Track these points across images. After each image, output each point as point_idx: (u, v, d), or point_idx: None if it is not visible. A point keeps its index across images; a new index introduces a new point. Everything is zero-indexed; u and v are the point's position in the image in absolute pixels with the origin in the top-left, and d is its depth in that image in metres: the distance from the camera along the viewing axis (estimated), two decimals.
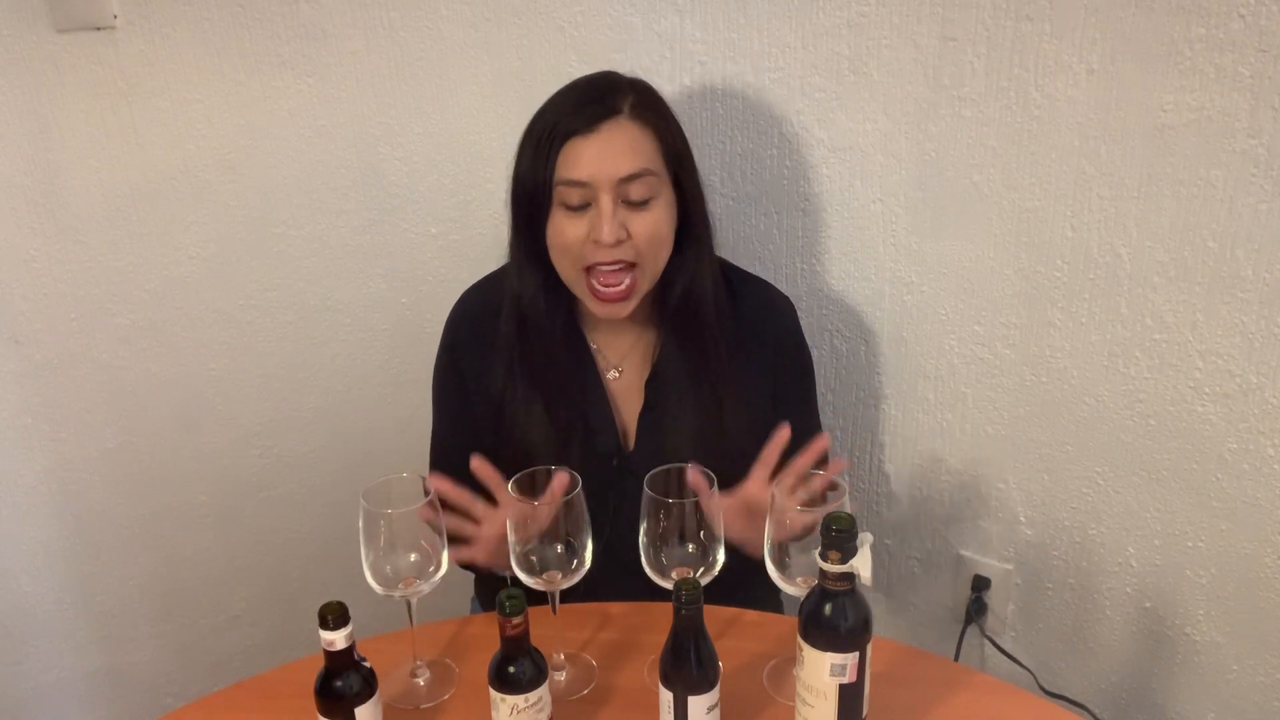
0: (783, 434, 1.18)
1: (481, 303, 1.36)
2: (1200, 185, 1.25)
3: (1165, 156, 1.26)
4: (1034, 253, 1.40)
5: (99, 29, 1.58)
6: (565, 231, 1.21)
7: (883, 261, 1.52)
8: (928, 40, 1.37)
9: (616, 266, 1.21)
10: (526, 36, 1.60)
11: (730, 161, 1.56)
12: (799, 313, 1.40)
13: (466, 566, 1.28)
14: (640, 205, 1.21)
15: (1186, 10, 1.20)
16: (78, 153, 1.64)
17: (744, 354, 1.33)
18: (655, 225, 1.22)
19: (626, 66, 1.52)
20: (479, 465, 1.17)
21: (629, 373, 1.35)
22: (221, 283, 1.75)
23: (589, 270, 1.23)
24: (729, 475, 1.20)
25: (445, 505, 1.13)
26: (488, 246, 1.41)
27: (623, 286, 1.22)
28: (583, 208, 1.20)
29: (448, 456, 1.40)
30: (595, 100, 1.21)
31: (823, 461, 1.14)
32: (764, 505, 1.07)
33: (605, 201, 1.19)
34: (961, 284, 1.47)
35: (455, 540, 1.16)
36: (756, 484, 1.18)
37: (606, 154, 1.18)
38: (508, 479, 1.21)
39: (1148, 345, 1.35)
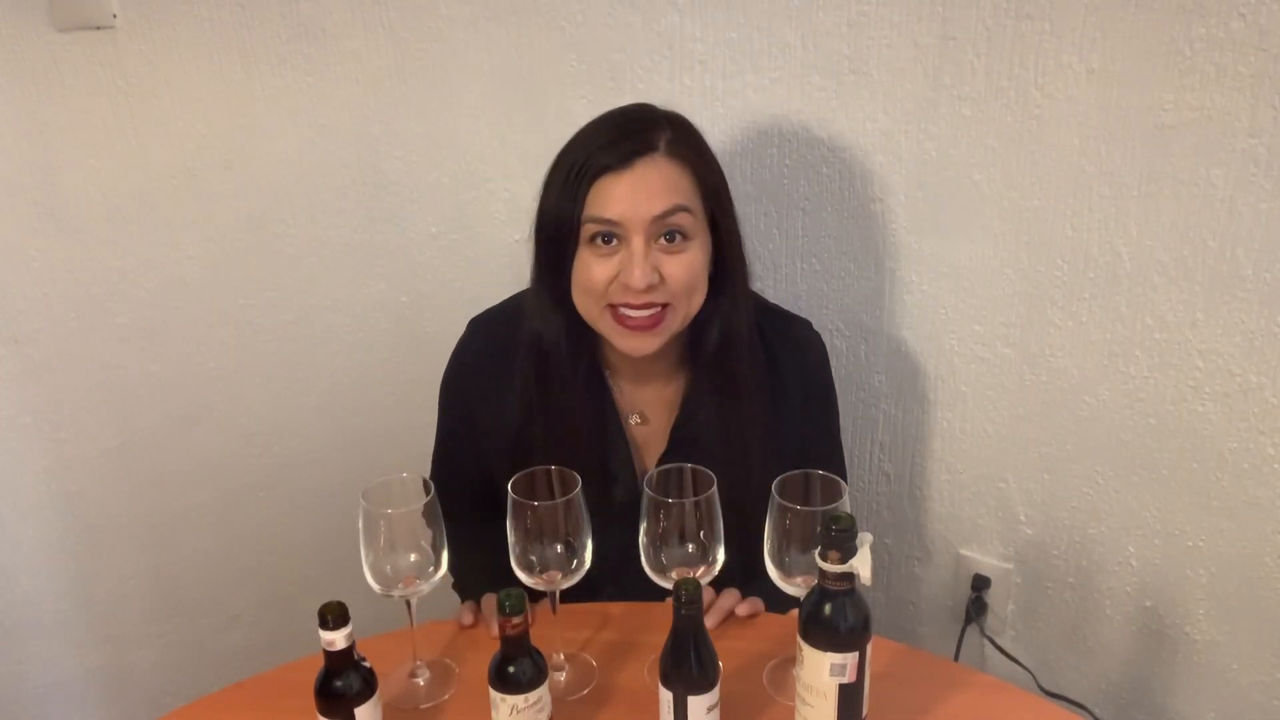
0: (726, 601, 1.20)
1: (494, 335, 1.30)
2: (1200, 185, 1.25)
3: (1165, 156, 1.26)
4: (1034, 252, 1.40)
5: (99, 29, 1.58)
6: (592, 271, 1.14)
7: (882, 261, 1.52)
8: (928, 40, 1.37)
9: (648, 311, 1.15)
10: (526, 36, 1.60)
11: (730, 161, 1.56)
12: (801, 313, 1.40)
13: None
14: (674, 247, 1.14)
15: (1186, 10, 1.20)
16: (78, 153, 1.64)
17: (775, 399, 1.28)
18: (690, 268, 1.15)
19: (626, 66, 1.52)
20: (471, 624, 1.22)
21: (653, 420, 1.30)
22: (221, 283, 1.75)
23: (613, 306, 1.17)
24: (749, 520, 1.13)
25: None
26: (488, 246, 1.41)
27: (652, 314, 1.16)
28: (612, 248, 1.14)
29: (446, 476, 1.37)
30: (629, 136, 1.14)
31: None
32: None
33: (637, 243, 1.12)
34: (961, 283, 1.47)
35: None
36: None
37: (640, 192, 1.12)
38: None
39: (1148, 345, 1.35)
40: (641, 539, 1.07)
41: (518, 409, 1.25)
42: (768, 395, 1.27)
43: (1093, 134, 1.30)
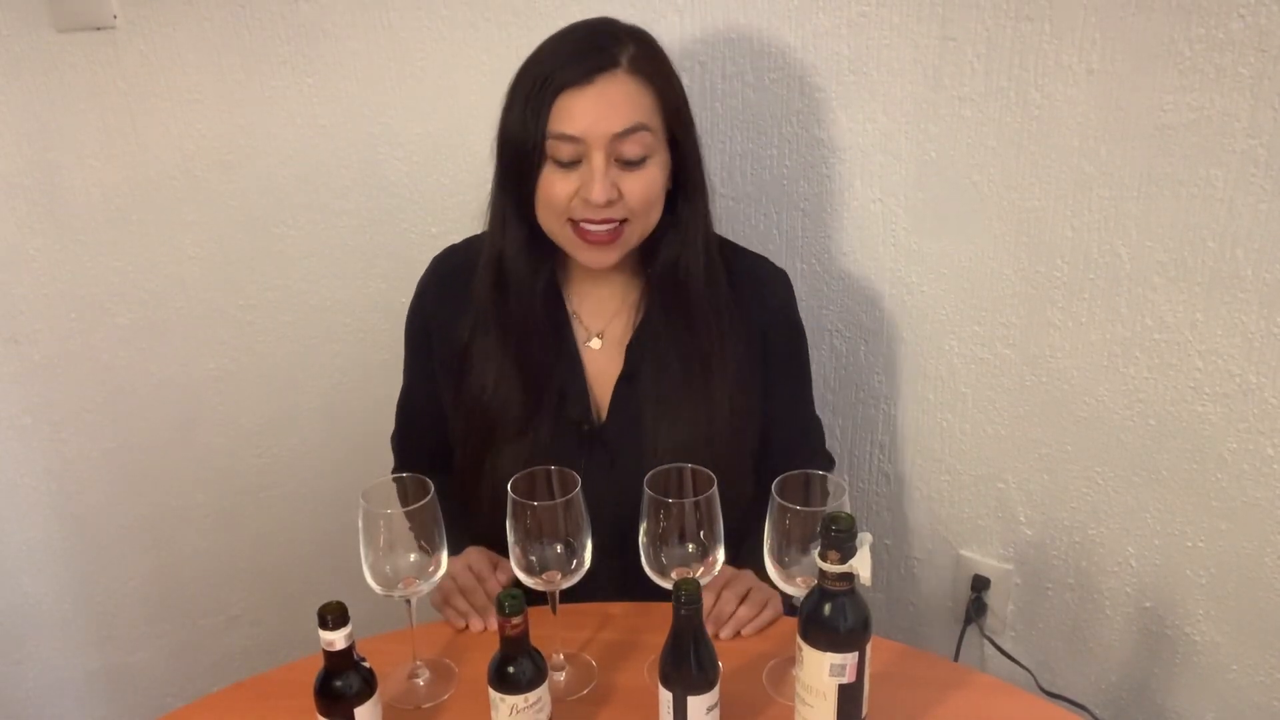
0: (728, 608, 1.19)
1: (459, 258, 1.33)
2: (1200, 185, 1.25)
3: (1165, 156, 1.26)
4: (1034, 253, 1.40)
5: (99, 29, 1.58)
6: (554, 187, 1.17)
7: (883, 261, 1.52)
8: (928, 40, 1.37)
9: (607, 226, 1.18)
10: (526, 36, 1.58)
11: (730, 161, 1.56)
12: (800, 314, 1.39)
13: None
14: (633, 164, 1.16)
15: (1186, 10, 1.20)
16: (78, 153, 1.64)
17: (734, 328, 1.28)
18: (648, 186, 1.17)
19: None
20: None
21: (609, 342, 1.30)
22: (221, 283, 1.75)
23: (573, 220, 1.19)
24: (714, 456, 1.15)
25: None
26: None
27: (610, 229, 1.18)
28: (574, 164, 1.16)
29: (412, 414, 1.41)
30: (592, 51, 1.16)
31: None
32: None
33: (598, 159, 1.14)
34: (961, 284, 1.47)
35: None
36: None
37: (601, 108, 1.13)
38: (468, 438, 1.23)
39: (1148, 345, 1.35)
40: (641, 539, 1.07)
41: (469, 324, 1.27)
42: (725, 319, 1.27)
43: (1093, 134, 1.30)
